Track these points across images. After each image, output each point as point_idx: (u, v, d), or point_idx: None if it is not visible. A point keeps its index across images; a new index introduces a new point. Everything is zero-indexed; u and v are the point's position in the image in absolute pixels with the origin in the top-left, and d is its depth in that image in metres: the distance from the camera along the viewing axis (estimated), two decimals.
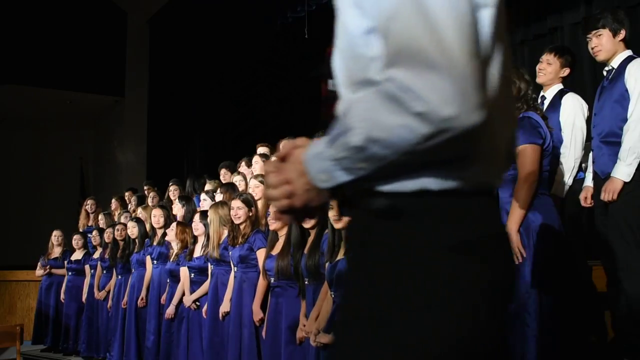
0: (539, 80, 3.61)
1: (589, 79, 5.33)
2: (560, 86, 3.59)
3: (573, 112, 3.43)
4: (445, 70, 0.79)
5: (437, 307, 0.86)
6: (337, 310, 2.85)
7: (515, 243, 2.76)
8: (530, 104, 2.91)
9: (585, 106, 3.48)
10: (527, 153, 2.78)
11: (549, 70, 3.57)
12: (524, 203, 2.75)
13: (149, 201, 6.60)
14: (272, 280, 3.71)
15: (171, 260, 5.03)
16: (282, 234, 3.74)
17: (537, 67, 3.63)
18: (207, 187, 5.69)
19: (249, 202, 4.14)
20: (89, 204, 7.64)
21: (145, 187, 7.35)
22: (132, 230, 5.73)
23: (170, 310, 4.76)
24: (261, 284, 3.88)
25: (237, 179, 5.27)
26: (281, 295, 3.64)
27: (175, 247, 5.01)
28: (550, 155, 2.89)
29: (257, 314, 3.84)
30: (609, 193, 3.00)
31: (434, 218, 0.89)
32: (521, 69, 3.07)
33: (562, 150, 3.42)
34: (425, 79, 0.79)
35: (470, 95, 0.79)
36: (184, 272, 4.78)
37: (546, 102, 3.57)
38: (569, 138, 3.41)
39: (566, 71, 3.58)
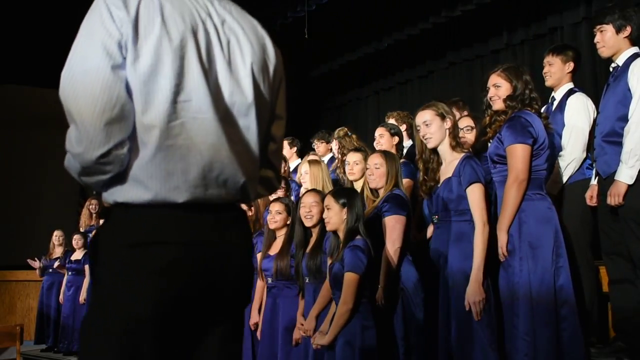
0: (547, 83, 3.58)
1: (589, 79, 5.32)
2: (569, 85, 3.54)
3: (576, 113, 3.39)
4: (77, 124, 1.23)
5: (115, 285, 1.24)
6: None
7: (501, 243, 2.75)
8: (526, 102, 2.88)
9: (591, 106, 3.43)
10: (516, 153, 2.75)
11: (553, 70, 3.53)
12: (513, 203, 2.74)
13: None
14: (269, 280, 3.70)
15: None
16: (281, 234, 3.73)
17: (543, 72, 3.59)
18: None
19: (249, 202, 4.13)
20: (92, 204, 7.63)
21: None
22: None
23: None
24: (259, 287, 3.87)
25: None
26: (278, 295, 3.63)
27: None
28: (547, 154, 2.86)
29: (253, 318, 3.83)
30: (614, 197, 2.99)
31: (118, 222, 1.28)
32: (520, 68, 3.04)
33: (562, 150, 3.42)
34: (71, 129, 1.24)
35: (92, 139, 1.22)
36: None
37: (555, 103, 3.55)
38: (567, 139, 3.38)
39: (570, 66, 3.53)
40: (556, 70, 3.53)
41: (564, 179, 3.40)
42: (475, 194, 2.76)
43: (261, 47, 1.46)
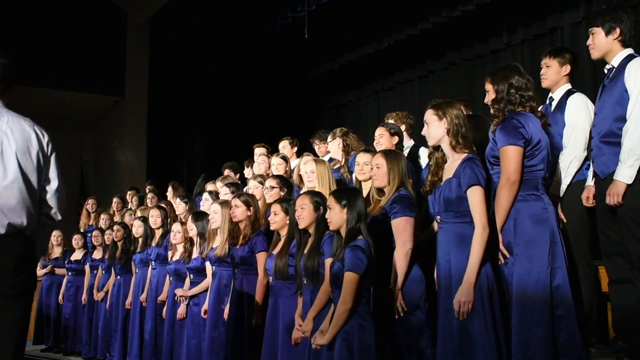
0: (543, 85, 3.57)
1: (589, 79, 5.33)
2: (568, 86, 3.53)
3: (576, 113, 3.38)
4: None
5: None
6: None
7: (500, 244, 2.74)
8: (515, 102, 2.85)
9: (591, 106, 3.42)
10: (507, 154, 2.75)
11: (549, 73, 3.53)
12: (504, 205, 2.74)
13: (147, 202, 6.58)
14: (271, 279, 3.70)
15: (177, 259, 5.01)
16: (283, 234, 3.73)
17: (540, 74, 3.59)
18: (210, 187, 5.70)
19: (248, 202, 4.12)
20: (89, 204, 7.64)
21: (148, 187, 7.35)
22: (138, 229, 5.71)
23: (181, 310, 4.72)
24: (261, 286, 3.86)
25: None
26: (279, 295, 3.63)
27: (181, 247, 5.00)
28: (544, 154, 2.83)
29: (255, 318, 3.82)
30: (613, 197, 2.98)
31: None
32: (510, 68, 2.98)
33: (563, 150, 3.40)
34: None
35: None
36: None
37: (554, 103, 3.54)
38: (568, 137, 3.37)
39: (567, 69, 3.52)
40: (552, 73, 3.53)
41: (569, 179, 3.38)
42: (474, 197, 2.75)
43: (25, 140, 2.55)
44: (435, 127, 2.92)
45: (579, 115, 3.37)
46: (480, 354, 2.64)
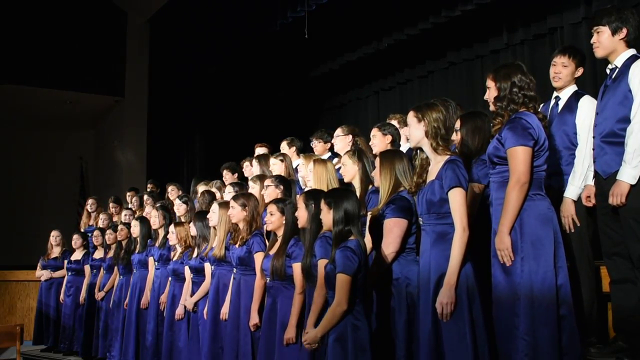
0: (556, 84, 3.54)
1: (589, 79, 5.32)
2: (574, 87, 3.52)
3: (590, 116, 3.36)
4: None
5: None
6: None
7: (505, 245, 2.72)
8: (518, 102, 2.83)
9: None
10: (518, 155, 2.73)
11: (566, 72, 3.50)
12: (515, 205, 2.71)
13: (147, 202, 6.58)
14: (268, 280, 3.70)
15: (175, 259, 5.02)
16: (280, 234, 3.72)
17: (552, 70, 3.54)
18: (200, 188, 5.72)
19: (244, 203, 4.12)
20: (89, 204, 7.64)
21: (149, 187, 7.35)
22: (134, 229, 5.72)
23: (179, 311, 4.74)
24: (259, 287, 3.86)
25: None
26: (277, 295, 3.63)
27: (179, 247, 5.01)
28: (547, 155, 2.83)
29: (253, 319, 3.82)
30: (617, 197, 2.98)
31: None
32: (513, 66, 2.95)
33: (576, 153, 3.38)
34: None
35: None
36: (188, 271, 4.78)
37: (561, 103, 3.52)
38: (584, 142, 3.35)
39: (580, 71, 3.52)
40: (569, 73, 3.50)
41: (584, 183, 3.36)
42: (456, 199, 2.75)
43: None
44: (415, 129, 2.95)
45: (592, 119, 3.33)
46: (455, 355, 2.64)
